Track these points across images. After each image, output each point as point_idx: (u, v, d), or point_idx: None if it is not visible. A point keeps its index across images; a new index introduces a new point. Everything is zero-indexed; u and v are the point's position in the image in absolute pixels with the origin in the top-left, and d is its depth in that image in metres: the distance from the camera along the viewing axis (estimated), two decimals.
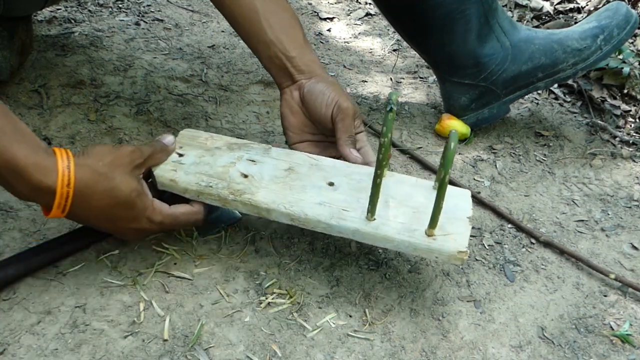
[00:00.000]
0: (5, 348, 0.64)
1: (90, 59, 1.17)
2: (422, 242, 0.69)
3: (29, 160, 0.59)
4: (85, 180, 0.63)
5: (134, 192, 0.66)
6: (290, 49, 0.81)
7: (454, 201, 0.74)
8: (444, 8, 1.00)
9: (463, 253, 0.68)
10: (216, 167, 0.75)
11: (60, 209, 0.63)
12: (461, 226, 0.71)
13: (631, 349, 0.73)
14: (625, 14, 1.05)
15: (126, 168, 0.67)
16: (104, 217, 0.67)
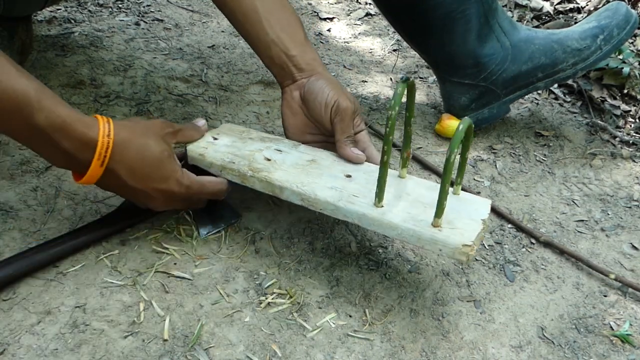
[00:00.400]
0: (5, 348, 0.64)
1: (90, 59, 1.17)
2: (427, 232, 0.67)
3: (73, 117, 0.65)
4: (122, 134, 0.68)
5: (165, 152, 0.71)
6: (291, 47, 0.82)
7: (474, 207, 0.72)
8: (444, 8, 1.00)
9: (468, 247, 0.65)
10: (244, 150, 0.81)
11: (100, 161, 0.66)
12: (472, 224, 0.69)
13: (631, 349, 0.73)
14: (625, 14, 1.05)
15: (158, 132, 0.72)
16: (137, 175, 0.69)
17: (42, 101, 0.63)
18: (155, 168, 0.70)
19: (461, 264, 0.82)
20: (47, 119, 0.63)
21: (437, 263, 0.82)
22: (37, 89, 0.63)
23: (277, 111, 1.11)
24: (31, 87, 0.62)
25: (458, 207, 0.71)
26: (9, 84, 0.61)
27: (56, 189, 0.85)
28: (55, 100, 0.64)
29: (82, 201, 0.84)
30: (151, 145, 0.70)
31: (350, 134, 0.79)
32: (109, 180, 0.69)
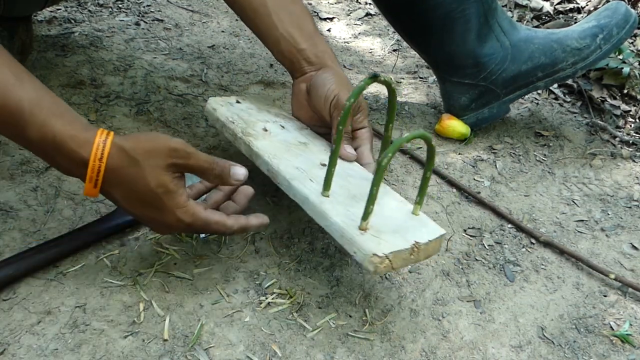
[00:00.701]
0: (5, 348, 0.64)
1: (90, 59, 1.17)
2: (349, 231, 0.64)
3: (66, 133, 0.61)
4: (116, 159, 0.63)
5: (161, 188, 0.64)
6: (301, 41, 0.82)
7: (420, 230, 0.68)
8: (444, 8, 1.00)
9: (378, 258, 0.61)
10: (251, 117, 0.83)
11: (92, 183, 0.63)
12: (399, 241, 0.64)
13: (631, 349, 0.73)
14: (624, 14, 1.05)
15: (161, 162, 0.64)
16: (133, 203, 0.65)
17: (35, 115, 0.60)
18: (151, 201, 0.64)
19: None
20: (39, 133, 0.61)
21: (437, 263, 0.82)
22: (32, 101, 0.60)
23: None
24: (26, 100, 0.60)
25: (404, 224, 0.68)
26: (4, 95, 0.60)
27: (56, 189, 0.85)
28: (52, 111, 0.61)
29: (82, 201, 0.84)
30: (145, 177, 0.63)
31: (346, 130, 0.78)
32: (110, 198, 0.66)
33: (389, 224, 0.67)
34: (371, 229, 0.65)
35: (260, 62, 1.27)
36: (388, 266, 0.62)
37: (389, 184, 0.95)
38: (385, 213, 0.69)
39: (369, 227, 0.65)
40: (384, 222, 0.67)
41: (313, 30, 0.84)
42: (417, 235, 0.66)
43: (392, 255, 0.62)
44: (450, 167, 1.02)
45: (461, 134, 1.08)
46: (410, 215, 0.71)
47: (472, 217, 0.91)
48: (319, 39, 0.84)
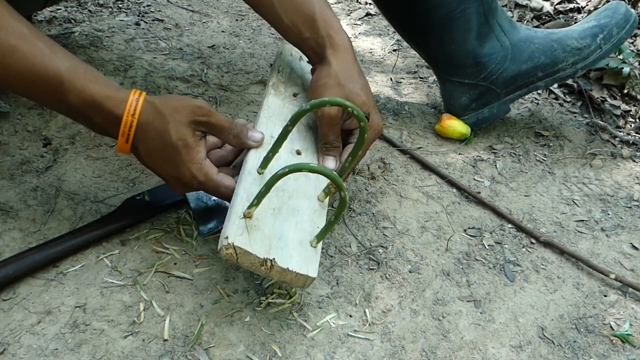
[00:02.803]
0: (5, 348, 0.64)
1: (90, 59, 1.17)
2: (234, 210, 0.64)
3: (102, 94, 0.67)
4: (148, 114, 0.68)
5: (181, 142, 0.68)
6: (304, 29, 0.81)
7: (295, 254, 0.65)
8: (444, 8, 1.00)
9: (225, 241, 0.61)
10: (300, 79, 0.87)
11: (124, 138, 0.68)
12: (260, 247, 0.62)
13: (631, 349, 0.73)
14: (624, 13, 1.05)
15: (184, 117, 0.68)
16: (153, 157, 0.70)
17: (73, 81, 0.65)
18: (170, 154, 0.69)
19: (461, 263, 0.82)
20: (78, 98, 0.66)
21: (437, 263, 0.82)
22: (70, 68, 0.65)
23: None
24: (63, 67, 0.65)
25: (289, 241, 0.65)
26: (42, 65, 0.64)
27: (56, 189, 0.85)
28: (87, 77, 0.66)
29: (82, 201, 0.84)
30: (169, 130, 0.68)
31: (327, 140, 0.77)
32: (136, 154, 0.71)
33: (274, 232, 0.65)
34: (255, 221, 0.64)
35: (260, 62, 1.27)
36: (232, 256, 0.61)
37: (377, 185, 0.95)
38: (284, 224, 0.67)
39: (253, 218, 0.64)
40: (272, 227, 0.65)
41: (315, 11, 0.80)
42: (283, 257, 0.63)
43: (241, 251, 0.61)
44: (450, 167, 1.02)
45: (461, 134, 1.08)
46: (305, 241, 0.67)
47: (472, 217, 0.91)
48: (322, 21, 0.80)
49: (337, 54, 0.79)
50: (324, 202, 0.74)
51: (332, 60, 0.78)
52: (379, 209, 0.90)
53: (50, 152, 0.92)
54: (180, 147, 0.68)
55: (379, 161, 0.99)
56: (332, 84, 0.77)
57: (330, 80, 0.77)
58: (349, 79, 0.78)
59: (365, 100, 0.78)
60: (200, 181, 0.70)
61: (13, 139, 0.93)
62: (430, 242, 0.85)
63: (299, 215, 0.69)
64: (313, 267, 0.66)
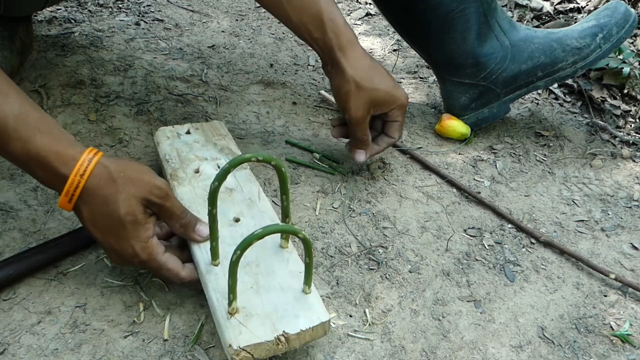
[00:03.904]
0: (6, 348, 0.64)
1: (90, 59, 1.17)
2: (218, 312, 0.62)
3: (50, 149, 0.62)
4: (99, 177, 0.63)
5: (130, 217, 0.64)
6: (313, 29, 0.83)
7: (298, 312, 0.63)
8: (444, 7, 1.00)
9: (233, 350, 0.58)
10: (190, 154, 0.85)
11: (67, 197, 0.63)
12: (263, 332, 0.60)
13: (631, 349, 0.73)
14: (624, 13, 1.05)
15: (138, 192, 0.65)
16: (97, 223, 0.65)
17: (19, 130, 0.61)
18: (115, 226, 0.64)
19: (460, 265, 0.82)
20: (22, 149, 0.61)
21: (437, 263, 0.82)
22: (19, 117, 0.61)
23: (277, 111, 1.11)
24: (11, 115, 0.60)
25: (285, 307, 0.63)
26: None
27: None
28: (36, 128, 0.62)
29: None
30: (118, 202, 0.63)
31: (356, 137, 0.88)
32: (77, 215, 0.66)
33: (267, 306, 0.63)
34: (242, 312, 0.62)
35: (260, 62, 1.27)
36: (247, 357, 0.59)
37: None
38: (270, 291, 0.65)
39: (240, 309, 0.62)
40: (261, 303, 0.63)
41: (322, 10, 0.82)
42: (290, 324, 0.61)
43: (251, 348, 0.59)
44: (450, 167, 1.02)
45: (461, 134, 1.08)
46: (298, 294, 0.65)
47: (472, 217, 0.91)
48: (330, 22, 0.82)
49: (346, 55, 0.84)
50: (288, 247, 0.72)
51: (345, 64, 0.83)
52: (379, 209, 0.90)
53: None
54: (127, 222, 0.64)
55: (379, 161, 0.99)
56: (354, 90, 0.83)
57: (350, 87, 0.83)
58: (366, 79, 0.84)
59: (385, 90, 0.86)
60: (142, 260, 0.66)
61: None
62: (430, 242, 0.85)
63: (278, 276, 0.67)
64: (321, 312, 0.64)
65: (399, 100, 0.87)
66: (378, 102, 0.86)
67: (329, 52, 0.83)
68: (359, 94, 0.83)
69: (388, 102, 0.87)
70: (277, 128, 1.06)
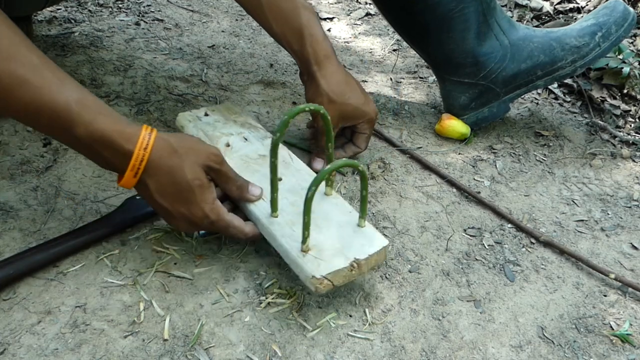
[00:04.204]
0: (5, 348, 0.64)
1: (90, 59, 1.17)
2: (293, 253, 0.69)
3: (113, 128, 0.65)
4: (161, 149, 0.67)
5: (197, 181, 0.69)
6: (293, 41, 0.86)
7: (362, 244, 0.71)
8: (443, 7, 1.00)
9: (317, 280, 0.66)
10: (216, 132, 0.87)
11: (133, 172, 0.67)
12: (338, 260, 0.68)
13: (631, 349, 0.73)
14: (622, 12, 1.05)
15: (199, 159, 0.69)
16: (165, 194, 0.69)
17: (82, 114, 0.64)
18: (183, 192, 0.69)
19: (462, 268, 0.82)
20: (86, 131, 0.64)
21: (437, 263, 0.82)
22: (79, 101, 0.64)
23: (277, 111, 1.11)
24: (72, 100, 0.63)
25: (347, 239, 0.71)
26: (51, 97, 0.63)
27: (56, 189, 0.85)
28: (97, 110, 0.65)
29: (82, 201, 0.84)
30: (185, 169, 0.68)
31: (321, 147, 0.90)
32: (142, 190, 0.70)
33: (332, 241, 0.71)
34: (313, 249, 0.69)
35: (260, 62, 1.27)
36: (328, 285, 0.67)
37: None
38: (330, 229, 0.73)
39: (311, 247, 0.69)
40: (328, 238, 0.71)
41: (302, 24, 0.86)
42: (358, 252, 0.69)
43: (331, 276, 0.67)
44: (450, 167, 1.02)
45: (461, 134, 1.08)
46: (355, 228, 0.73)
47: (472, 217, 0.91)
48: (309, 36, 0.86)
49: (322, 69, 0.87)
50: (332, 193, 0.79)
51: (319, 78, 0.87)
52: (379, 209, 0.90)
53: (50, 152, 0.92)
54: (195, 186, 0.69)
55: (379, 161, 0.99)
56: (325, 103, 0.86)
57: (323, 100, 0.86)
58: (338, 93, 0.87)
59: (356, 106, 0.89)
60: (211, 220, 0.70)
61: (13, 139, 0.94)
62: (430, 242, 0.85)
63: (333, 216, 0.74)
64: (380, 238, 0.72)
65: (368, 115, 0.91)
66: (347, 116, 0.89)
67: (306, 64, 0.87)
68: (329, 107, 0.86)
69: (357, 117, 0.90)
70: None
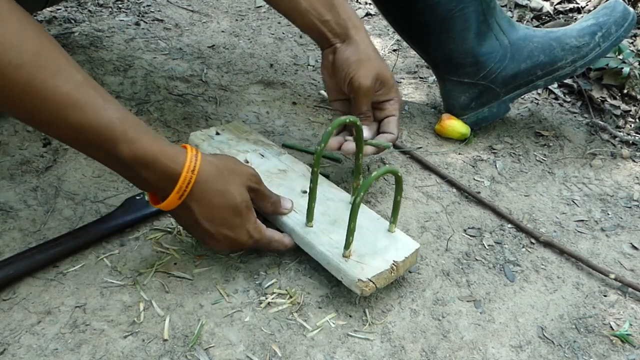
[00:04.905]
0: (5, 348, 0.64)
1: (90, 59, 1.17)
2: (334, 260, 0.72)
3: (157, 148, 0.63)
4: (208, 172, 0.66)
5: (244, 203, 0.69)
6: (324, 12, 0.85)
7: (396, 246, 0.75)
8: (443, 7, 1.00)
9: (363, 283, 0.69)
10: (232, 149, 0.88)
11: (179, 194, 0.65)
12: (379, 263, 0.72)
13: (631, 349, 0.73)
14: (622, 12, 1.05)
15: (243, 181, 0.70)
16: (211, 217, 0.68)
17: (127, 133, 0.62)
18: (232, 215, 0.68)
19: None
20: (130, 151, 0.62)
21: (437, 263, 0.82)
22: (122, 120, 0.62)
23: (277, 111, 1.11)
24: (116, 119, 0.61)
25: (382, 243, 0.75)
26: (95, 116, 0.60)
27: (56, 189, 0.85)
28: (139, 130, 0.63)
29: (82, 201, 0.84)
30: (233, 192, 0.68)
31: (361, 111, 0.85)
32: (183, 213, 0.68)
33: (369, 246, 0.74)
34: (353, 254, 0.72)
35: (260, 62, 1.27)
36: (372, 287, 0.70)
37: (382, 190, 0.95)
38: (363, 234, 0.75)
39: (351, 253, 0.72)
40: (363, 244, 0.74)
41: None
42: (395, 255, 0.73)
43: (375, 278, 0.70)
44: (450, 167, 1.02)
45: (461, 134, 1.08)
46: (386, 233, 0.77)
47: (472, 217, 0.91)
48: (342, 6, 0.85)
49: (360, 34, 0.85)
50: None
51: (358, 39, 0.85)
52: (378, 209, 0.90)
53: (50, 152, 0.92)
54: (243, 209, 0.69)
55: (379, 161, 0.99)
56: (365, 59, 0.83)
57: (362, 56, 0.83)
58: (375, 54, 0.85)
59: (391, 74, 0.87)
60: (256, 239, 0.72)
61: (13, 139, 0.93)
62: (430, 242, 0.85)
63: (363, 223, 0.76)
64: (412, 241, 0.76)
65: (397, 88, 0.89)
66: (384, 78, 0.86)
67: (343, 31, 0.84)
68: (367, 64, 0.83)
69: (390, 82, 0.87)
70: (277, 128, 1.06)
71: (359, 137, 0.79)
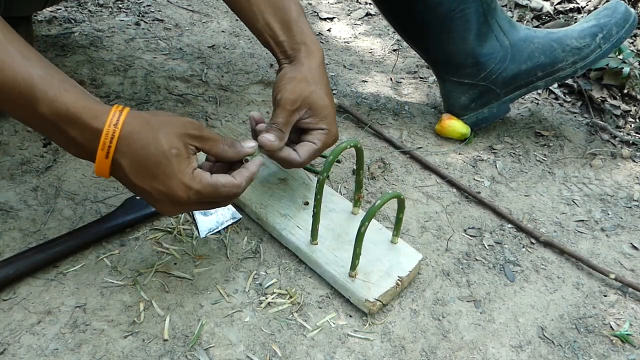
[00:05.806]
0: (5, 348, 0.64)
1: (90, 59, 1.17)
2: (341, 279, 0.73)
3: (79, 105, 0.60)
4: (133, 125, 0.62)
5: (174, 149, 0.63)
6: (279, 33, 0.82)
7: (401, 260, 0.76)
8: (443, 7, 1.00)
9: (370, 303, 0.71)
10: None
11: (104, 152, 0.61)
12: (385, 281, 0.73)
13: (631, 349, 0.73)
14: (623, 13, 1.05)
15: (176, 129, 0.64)
16: (140, 171, 0.63)
17: (46, 90, 0.59)
18: (159, 165, 0.62)
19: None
20: (50, 109, 0.59)
21: (437, 263, 0.82)
22: (43, 77, 0.59)
23: None
24: (36, 75, 0.59)
25: (386, 258, 0.76)
26: (12, 72, 0.58)
27: (56, 189, 0.85)
28: (62, 87, 0.60)
29: (82, 201, 0.84)
30: (159, 140, 0.62)
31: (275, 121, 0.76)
32: (117, 174, 0.64)
33: (374, 262, 0.75)
34: (359, 273, 0.73)
35: (260, 62, 1.27)
36: (380, 305, 0.72)
37: (382, 191, 0.95)
38: (368, 249, 0.76)
39: (357, 272, 0.73)
40: (369, 261, 0.75)
41: (293, 18, 0.82)
42: (399, 269, 0.75)
43: (382, 297, 0.72)
44: (450, 167, 1.02)
45: (461, 134, 1.08)
46: (389, 245, 0.79)
47: (472, 217, 0.91)
48: (297, 28, 0.82)
49: (310, 59, 0.80)
50: (358, 213, 0.84)
51: (305, 62, 0.80)
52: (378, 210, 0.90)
53: (50, 152, 0.92)
54: (172, 156, 0.63)
55: (379, 161, 0.99)
56: (300, 79, 0.78)
57: (298, 75, 0.78)
58: (318, 81, 0.79)
59: (328, 104, 0.79)
60: (196, 190, 0.64)
61: (13, 139, 0.94)
62: (430, 242, 0.85)
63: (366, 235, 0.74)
64: (414, 252, 0.78)
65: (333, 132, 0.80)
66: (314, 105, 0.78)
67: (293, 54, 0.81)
68: (301, 85, 0.78)
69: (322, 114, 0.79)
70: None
71: (360, 156, 0.79)
